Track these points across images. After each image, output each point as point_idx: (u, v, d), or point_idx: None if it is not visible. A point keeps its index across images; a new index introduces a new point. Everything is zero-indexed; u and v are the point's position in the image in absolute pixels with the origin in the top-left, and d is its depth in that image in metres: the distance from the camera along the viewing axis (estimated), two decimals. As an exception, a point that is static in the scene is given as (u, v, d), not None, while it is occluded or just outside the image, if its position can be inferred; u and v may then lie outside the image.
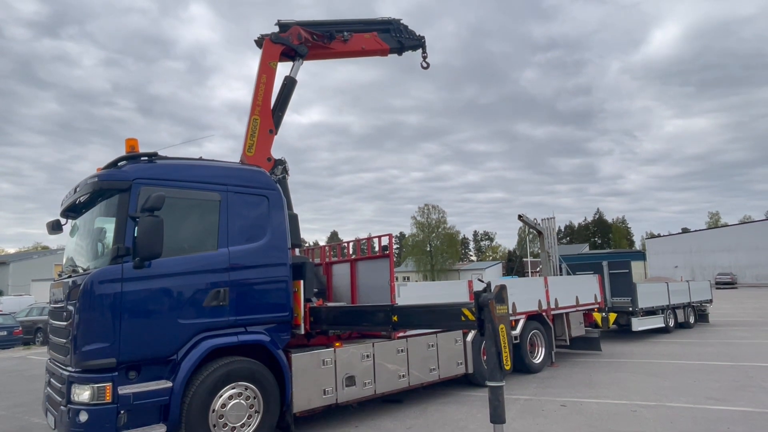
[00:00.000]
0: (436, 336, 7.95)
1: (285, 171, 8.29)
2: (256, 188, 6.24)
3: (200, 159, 6.33)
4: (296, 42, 8.50)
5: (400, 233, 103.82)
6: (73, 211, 6.02)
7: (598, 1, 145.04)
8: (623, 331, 14.79)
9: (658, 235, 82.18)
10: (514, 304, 9.48)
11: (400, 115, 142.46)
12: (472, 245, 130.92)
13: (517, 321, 9.60)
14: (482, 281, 4.85)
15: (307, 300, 6.64)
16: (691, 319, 17.35)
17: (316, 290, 8.15)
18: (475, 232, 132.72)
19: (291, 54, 8.69)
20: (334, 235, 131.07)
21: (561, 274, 14.82)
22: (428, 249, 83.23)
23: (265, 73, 8.33)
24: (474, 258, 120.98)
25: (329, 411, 7.00)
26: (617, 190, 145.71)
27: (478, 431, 6.20)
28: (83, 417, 4.74)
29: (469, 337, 8.53)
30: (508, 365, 4.35)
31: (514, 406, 7.38)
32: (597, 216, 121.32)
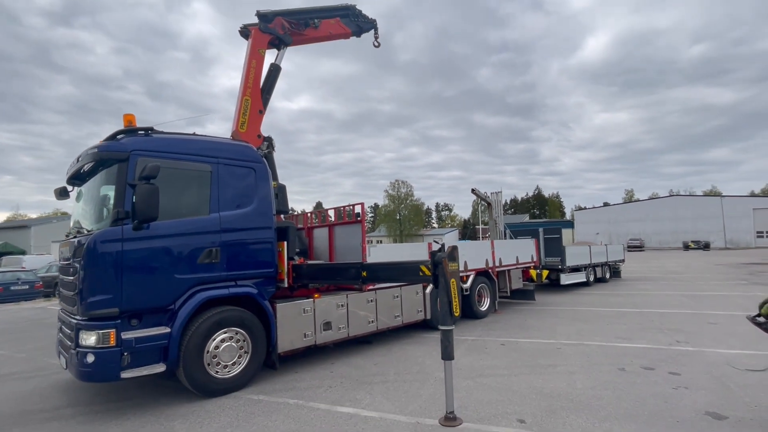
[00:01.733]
0: (401, 289, 7.98)
1: (272, 147, 8.00)
2: (244, 161, 5.97)
3: (194, 134, 5.99)
4: (281, 32, 8.06)
5: (375, 204, 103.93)
6: (77, 179, 5.65)
7: (544, 11, 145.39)
8: (554, 285, 15.23)
9: (584, 208, 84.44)
10: (465, 263, 9.59)
11: (376, 104, 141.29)
12: (434, 215, 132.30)
13: (468, 276, 9.71)
14: (438, 243, 4.80)
15: (290, 258, 6.51)
16: (607, 275, 17.99)
17: (298, 250, 8.02)
18: (437, 204, 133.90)
19: (276, 42, 8.26)
20: (318, 205, 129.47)
21: (505, 239, 15.04)
22: (398, 218, 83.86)
23: (255, 58, 7.91)
24: (435, 225, 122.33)
25: (310, 351, 6.99)
26: (553, 170, 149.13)
27: (432, 365, 6.29)
28: (90, 358, 4.58)
29: (428, 289, 8.55)
30: (457, 312, 4.36)
31: (463, 345, 7.52)
32: (537, 192, 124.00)
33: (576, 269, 15.43)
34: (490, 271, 10.43)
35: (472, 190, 15.04)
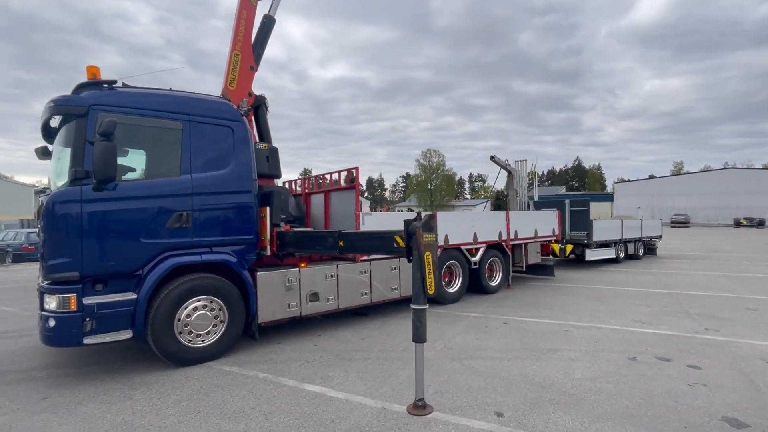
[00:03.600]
0: (399, 260, 7.49)
1: (264, 107, 7.48)
2: (220, 119, 5.52)
3: (169, 90, 5.58)
4: None
5: (406, 173, 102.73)
6: (48, 135, 5.39)
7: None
8: (579, 261, 14.31)
9: (627, 181, 79.77)
10: (475, 234, 8.96)
11: (411, 71, 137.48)
12: (467, 185, 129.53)
13: (477, 249, 9.09)
14: (413, 211, 4.22)
15: (275, 225, 6.13)
16: (641, 252, 16.77)
17: (292, 217, 7.64)
18: (471, 174, 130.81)
19: None
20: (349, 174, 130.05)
21: (528, 210, 14.15)
22: (429, 188, 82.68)
23: (246, 9, 7.28)
24: (468, 196, 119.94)
25: (298, 322, 6.73)
26: (596, 140, 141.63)
27: (425, 344, 5.84)
28: (51, 323, 4.43)
29: (431, 261, 8.07)
30: (431, 290, 3.82)
31: (462, 322, 7.03)
32: (576, 163, 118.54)
33: (604, 245, 14.39)
34: (503, 244, 9.73)
35: (491, 158, 14.08)
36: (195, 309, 5.11)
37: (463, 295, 8.77)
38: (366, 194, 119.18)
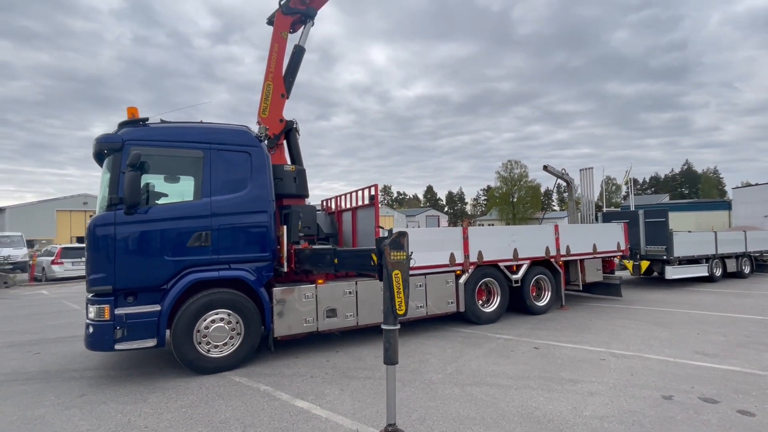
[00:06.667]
0: (425, 277, 7.32)
1: (296, 131, 7.91)
2: (238, 145, 5.97)
3: (200, 123, 6.19)
4: (302, 6, 7.89)
5: (487, 186, 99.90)
6: (100, 164, 6.27)
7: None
8: (661, 279, 12.60)
9: (749, 185, 68.28)
10: (515, 250, 8.42)
11: (493, 83, 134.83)
12: (555, 196, 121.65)
13: (519, 266, 8.51)
14: (383, 228, 4.12)
15: (294, 242, 6.41)
16: (746, 269, 14.24)
17: (324, 234, 7.90)
18: (558, 184, 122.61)
19: (303, 19, 8.11)
20: (429, 189, 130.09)
21: (590, 223, 12.87)
22: (512, 200, 79.30)
23: (277, 42, 7.86)
24: (557, 208, 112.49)
25: (321, 337, 6.88)
26: (712, 141, 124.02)
27: (436, 365, 5.61)
28: (90, 329, 5.09)
29: (462, 279, 7.75)
30: (401, 310, 3.68)
31: (489, 344, 6.59)
32: (685, 167, 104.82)
33: (692, 261, 12.50)
34: (552, 260, 8.98)
35: (545, 167, 13.08)
36: (213, 321, 5.51)
37: (502, 314, 8.23)
38: (446, 209, 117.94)
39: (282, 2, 7.87)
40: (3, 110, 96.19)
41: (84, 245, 5.33)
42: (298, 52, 8.08)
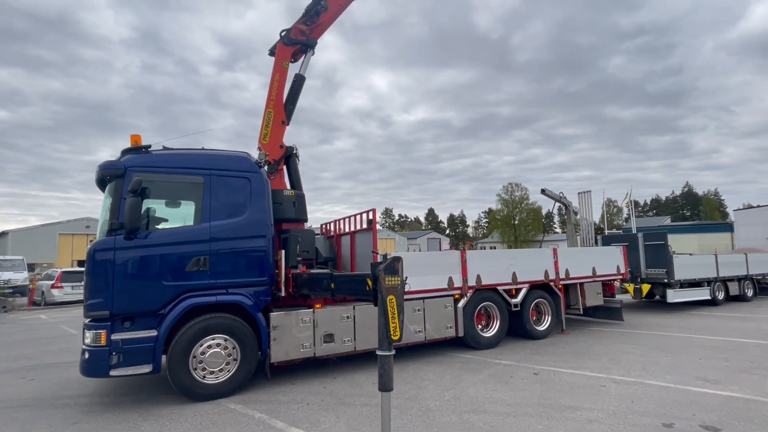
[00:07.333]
0: (423, 302, 7.29)
1: (296, 156, 8.05)
2: (238, 171, 6.08)
3: (201, 149, 6.32)
4: (302, 37, 8.15)
5: (488, 209, 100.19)
6: (102, 190, 6.36)
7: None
8: (662, 303, 12.48)
9: (751, 206, 68.27)
10: (514, 274, 8.41)
11: (493, 107, 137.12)
12: (556, 219, 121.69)
13: (518, 290, 8.48)
14: (376, 252, 4.16)
15: (292, 267, 6.43)
16: (749, 292, 14.13)
17: (323, 258, 7.93)
18: (560, 206, 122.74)
19: (304, 50, 8.37)
20: (430, 212, 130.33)
21: (589, 246, 12.86)
22: (513, 223, 79.41)
23: (279, 71, 8.09)
24: (558, 230, 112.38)
25: (320, 362, 6.80)
26: (711, 163, 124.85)
27: (434, 391, 5.53)
28: (86, 355, 5.07)
29: (461, 303, 7.71)
30: (396, 335, 3.68)
31: (488, 370, 6.51)
32: (686, 189, 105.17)
33: (694, 284, 12.41)
34: (551, 284, 8.95)
35: (542, 191, 13.19)
36: (209, 347, 5.47)
37: (501, 339, 8.14)
38: (448, 232, 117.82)
39: (283, 33, 8.15)
40: (13, 136, 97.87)
41: (84, 269, 5.36)
42: (299, 80, 8.30)
